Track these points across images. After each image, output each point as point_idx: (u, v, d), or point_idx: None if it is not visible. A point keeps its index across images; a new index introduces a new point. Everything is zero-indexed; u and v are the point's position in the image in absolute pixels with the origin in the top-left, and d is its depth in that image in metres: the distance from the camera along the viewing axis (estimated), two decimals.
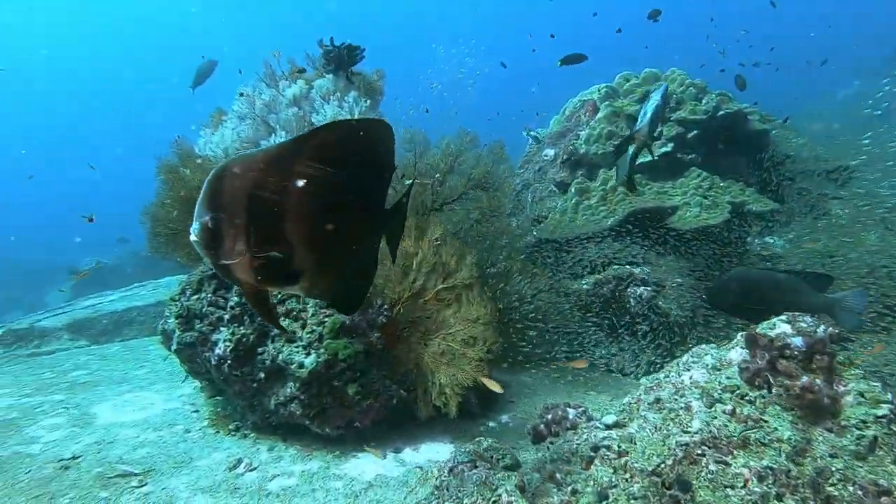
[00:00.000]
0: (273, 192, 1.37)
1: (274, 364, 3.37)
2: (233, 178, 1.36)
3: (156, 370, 5.53)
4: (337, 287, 1.61)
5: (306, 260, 1.47)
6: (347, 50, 3.83)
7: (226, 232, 1.38)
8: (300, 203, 1.40)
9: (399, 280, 3.55)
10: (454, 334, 3.42)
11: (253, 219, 1.37)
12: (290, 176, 1.38)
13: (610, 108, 6.01)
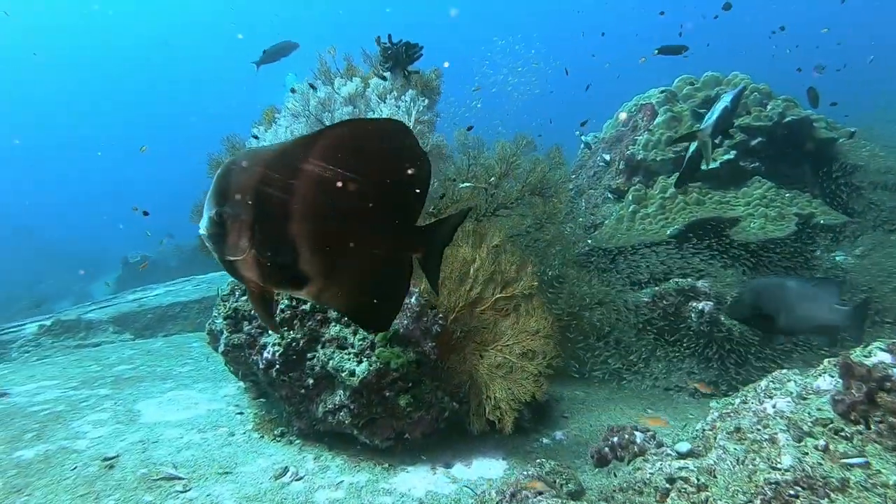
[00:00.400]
0: (279, 190, 1.34)
1: (323, 370, 3.27)
2: (240, 173, 1.34)
3: (199, 368, 5.51)
4: (355, 302, 1.53)
5: (312, 264, 1.40)
6: (405, 48, 3.71)
7: (231, 227, 1.36)
8: (306, 203, 1.35)
9: (455, 288, 3.41)
10: (512, 346, 3.26)
11: (258, 216, 1.35)
12: (298, 174, 1.34)
13: (669, 113, 5.78)
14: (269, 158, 1.35)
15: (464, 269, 3.42)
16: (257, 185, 1.33)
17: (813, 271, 4.63)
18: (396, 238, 1.48)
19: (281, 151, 1.37)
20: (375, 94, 3.71)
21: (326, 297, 1.50)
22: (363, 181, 1.36)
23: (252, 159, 1.36)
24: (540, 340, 3.20)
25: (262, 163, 1.34)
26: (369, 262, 1.47)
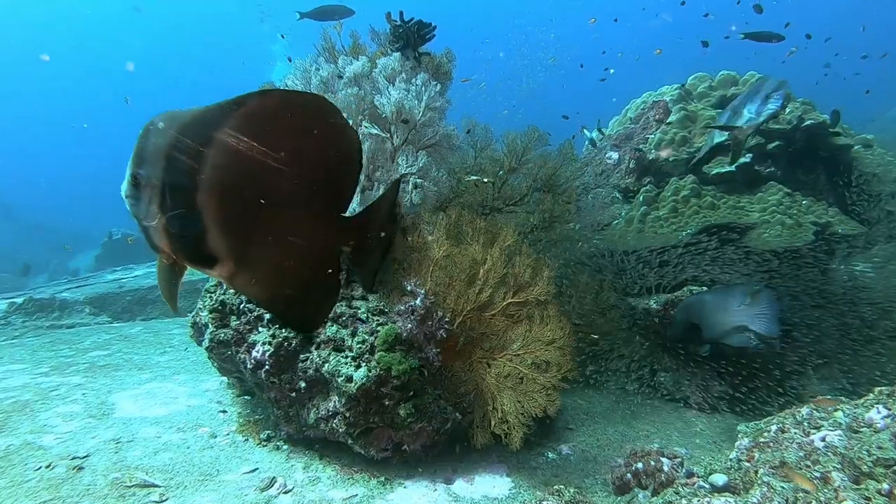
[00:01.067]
0: (189, 157, 1.27)
1: (318, 374, 3.01)
2: (156, 135, 1.29)
3: (179, 357, 5.21)
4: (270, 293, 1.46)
5: (221, 242, 1.34)
6: (417, 27, 3.42)
7: (144, 190, 1.32)
8: (215, 175, 1.28)
9: (463, 290, 3.15)
10: (523, 356, 3.02)
11: (167, 182, 1.29)
12: (210, 143, 1.27)
13: (683, 112, 5.54)
14: (186, 122, 1.28)
15: (473, 270, 3.16)
16: (168, 150, 1.27)
17: (830, 284, 4.45)
18: (320, 227, 1.40)
19: (198, 116, 1.30)
20: (383, 75, 3.42)
21: (240, 282, 1.41)
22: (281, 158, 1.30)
23: (170, 121, 1.29)
24: (555, 351, 2.96)
25: (177, 126, 1.27)
26: (287, 250, 1.39)
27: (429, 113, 3.36)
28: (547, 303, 3.09)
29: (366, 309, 3.10)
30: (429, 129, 3.41)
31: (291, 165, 1.31)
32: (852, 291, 4.42)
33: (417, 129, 3.41)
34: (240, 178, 1.30)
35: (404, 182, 3.40)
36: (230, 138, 1.27)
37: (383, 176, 3.44)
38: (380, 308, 3.15)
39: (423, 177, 3.40)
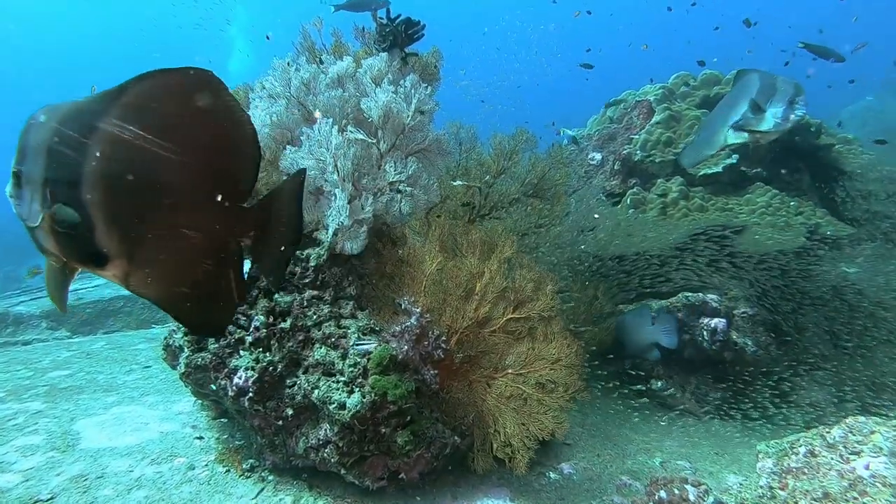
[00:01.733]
0: (71, 150, 1.21)
1: (307, 400, 2.78)
2: (37, 129, 1.23)
3: (147, 376, 4.89)
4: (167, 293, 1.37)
5: (111, 240, 1.27)
6: (406, 25, 3.21)
7: (26, 188, 1.26)
8: (98, 166, 1.22)
9: (459, 305, 2.97)
10: (526, 375, 2.85)
11: (49, 178, 1.23)
12: (93, 133, 1.21)
13: (668, 112, 5.46)
14: (67, 114, 1.23)
15: (470, 284, 2.98)
16: (49, 143, 1.21)
17: (819, 286, 4.41)
18: (215, 218, 1.32)
19: (80, 106, 1.25)
20: (369, 76, 3.20)
21: (135, 282, 1.34)
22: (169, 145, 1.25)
23: (50, 114, 1.23)
24: (561, 370, 2.80)
25: (57, 118, 1.22)
26: (182, 243, 1.32)
27: (418, 117, 3.15)
28: (551, 319, 2.92)
29: (356, 328, 2.89)
30: (418, 134, 3.21)
31: (180, 152, 1.26)
32: (843, 294, 4.38)
33: (406, 133, 3.21)
34: (126, 168, 1.24)
35: (392, 191, 3.20)
36: (114, 127, 1.22)
37: (370, 184, 3.22)
38: (370, 327, 2.94)
39: (413, 184, 3.19)
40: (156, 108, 1.25)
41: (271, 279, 1.45)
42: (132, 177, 1.24)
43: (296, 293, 2.96)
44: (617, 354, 4.45)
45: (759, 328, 4.12)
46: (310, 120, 3.31)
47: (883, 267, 4.56)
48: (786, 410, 3.98)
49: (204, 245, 1.35)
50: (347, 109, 3.24)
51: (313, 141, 2.98)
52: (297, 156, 3.01)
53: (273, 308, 2.91)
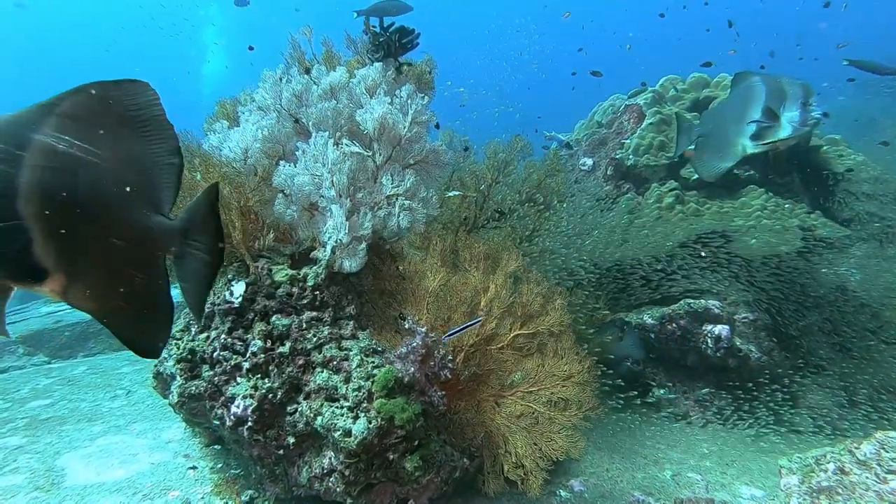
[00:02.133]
0: (5, 162, 1.21)
1: (309, 428, 2.65)
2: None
3: (133, 402, 4.70)
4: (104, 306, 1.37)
5: (48, 253, 1.27)
6: (400, 34, 3.11)
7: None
8: (33, 179, 1.22)
9: (462, 321, 2.86)
10: (537, 393, 2.75)
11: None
12: (26, 146, 1.22)
13: (659, 116, 5.42)
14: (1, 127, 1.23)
15: (474, 300, 2.87)
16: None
17: (819, 288, 4.38)
18: (143, 230, 1.33)
19: (14, 119, 1.24)
20: (363, 87, 3.09)
21: (74, 297, 1.34)
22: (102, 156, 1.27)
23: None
24: (573, 388, 2.70)
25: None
26: (114, 256, 1.33)
27: (415, 128, 3.05)
28: (562, 335, 2.83)
29: (358, 350, 2.77)
30: (415, 146, 3.11)
31: (111, 163, 1.28)
32: (842, 296, 4.37)
33: (402, 145, 3.10)
34: (62, 180, 1.24)
35: (390, 205, 3.09)
36: (49, 139, 1.23)
37: (366, 198, 3.11)
38: (372, 347, 2.83)
39: (411, 197, 3.09)
40: (90, 120, 1.27)
41: (191, 303, 1.38)
42: (67, 189, 1.25)
43: (294, 315, 2.83)
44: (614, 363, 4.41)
45: (761, 333, 4.08)
46: (302, 133, 3.19)
47: (880, 267, 4.55)
48: (792, 416, 3.94)
49: (135, 257, 1.36)
50: (341, 121, 3.12)
51: (308, 156, 2.86)
52: (292, 172, 2.89)
53: (271, 331, 2.78)
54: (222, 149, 3.00)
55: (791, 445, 3.78)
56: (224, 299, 2.85)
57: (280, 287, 2.85)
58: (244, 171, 2.97)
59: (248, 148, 2.98)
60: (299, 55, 3.34)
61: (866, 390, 4.01)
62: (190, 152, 2.99)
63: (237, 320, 2.84)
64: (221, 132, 3.02)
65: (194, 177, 2.84)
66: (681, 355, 4.18)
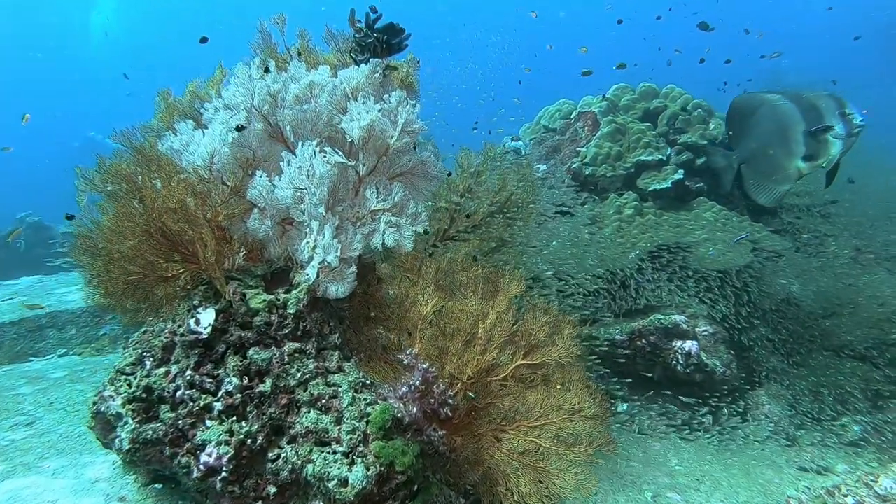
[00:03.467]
0: None
1: (294, 475, 2.34)
2: None
3: (41, 431, 4.06)
4: None
5: None
6: (388, 33, 2.80)
7: None
8: None
9: (460, 350, 2.65)
10: (542, 427, 2.59)
11: None
12: None
13: (614, 125, 5.43)
14: None
15: (473, 328, 2.67)
16: None
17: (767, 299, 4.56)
18: None
19: None
20: (347, 89, 2.78)
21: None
22: None
23: None
24: (582, 422, 2.56)
25: None
26: None
27: (405, 138, 2.78)
28: (570, 367, 2.68)
29: (348, 385, 2.49)
30: (404, 157, 2.84)
31: None
32: (787, 306, 4.56)
33: (389, 155, 2.83)
34: None
35: (375, 220, 2.80)
36: None
37: (347, 212, 2.81)
38: (362, 381, 2.55)
39: (398, 213, 2.82)
40: None
41: None
42: None
43: (274, 347, 2.50)
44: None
45: (720, 346, 4.18)
46: (275, 137, 2.83)
47: (814, 277, 4.81)
48: (748, 426, 4.07)
49: None
50: (319, 127, 2.80)
51: (293, 167, 2.52)
52: (270, 184, 2.54)
53: (248, 367, 2.43)
54: (185, 153, 2.59)
55: (753, 457, 3.89)
56: (189, 329, 2.46)
57: (257, 315, 2.50)
58: (210, 180, 2.58)
59: (216, 153, 2.58)
60: (270, 47, 2.96)
61: (811, 397, 4.22)
62: (145, 157, 2.55)
63: (205, 353, 2.46)
64: (186, 133, 2.60)
65: (154, 185, 2.42)
66: (646, 370, 4.20)
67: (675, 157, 5.16)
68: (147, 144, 2.64)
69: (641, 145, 5.15)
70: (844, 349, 4.40)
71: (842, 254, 5.12)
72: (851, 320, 4.50)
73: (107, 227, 2.43)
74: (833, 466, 3.62)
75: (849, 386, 4.17)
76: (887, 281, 4.77)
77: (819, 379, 4.27)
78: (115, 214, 2.41)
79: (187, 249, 2.46)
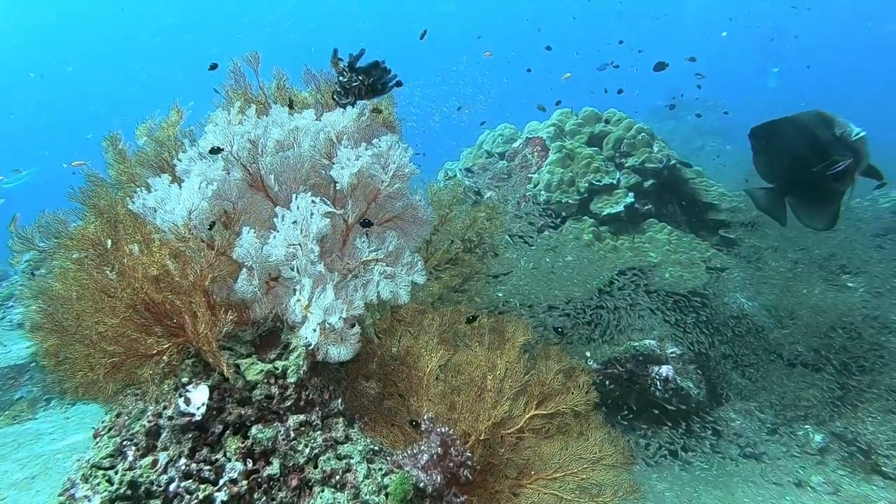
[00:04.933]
0: None
1: None
2: None
3: None
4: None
5: None
6: (374, 73, 2.64)
7: None
8: None
9: (471, 405, 2.53)
10: (563, 479, 2.50)
11: None
12: None
13: (564, 151, 5.49)
14: None
15: (483, 381, 2.55)
16: None
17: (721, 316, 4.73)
18: None
19: None
20: (332, 133, 2.60)
21: None
22: None
23: None
24: (605, 471, 2.50)
25: None
26: None
27: (396, 183, 2.64)
28: (587, 415, 2.61)
29: (360, 456, 2.30)
30: (396, 203, 2.69)
31: None
32: (739, 321, 4.76)
33: (379, 202, 2.67)
34: None
35: (367, 271, 2.63)
36: None
37: (336, 263, 2.62)
38: (371, 448, 2.37)
39: (393, 263, 2.66)
40: None
41: None
42: None
43: (277, 422, 2.26)
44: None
45: (689, 366, 4.29)
46: (255, 186, 2.59)
47: (758, 290, 5.05)
48: (719, 444, 4.19)
49: None
50: (302, 174, 2.60)
51: (287, 223, 2.32)
52: (257, 242, 2.32)
53: (251, 448, 2.18)
54: (160, 211, 2.31)
55: (730, 475, 3.99)
56: (178, 410, 2.18)
57: (256, 388, 2.26)
58: (190, 240, 2.32)
59: (195, 208, 2.32)
60: (242, 87, 2.72)
61: (773, 410, 4.41)
62: (111, 217, 2.26)
63: (200, 437, 2.19)
64: (161, 189, 2.32)
65: (130, 249, 2.13)
66: (621, 397, 4.23)
67: (625, 181, 5.30)
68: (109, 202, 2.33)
69: (592, 170, 5.25)
70: (795, 360, 4.66)
71: (780, 266, 5.43)
72: (797, 331, 4.77)
73: (74, 302, 2.11)
74: (807, 479, 3.79)
75: (804, 395, 4.40)
76: (826, 290, 5.11)
77: (777, 391, 4.48)
78: (90, 289, 2.10)
79: (172, 321, 2.18)
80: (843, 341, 4.69)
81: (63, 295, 2.28)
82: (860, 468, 3.93)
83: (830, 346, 4.66)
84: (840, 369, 4.56)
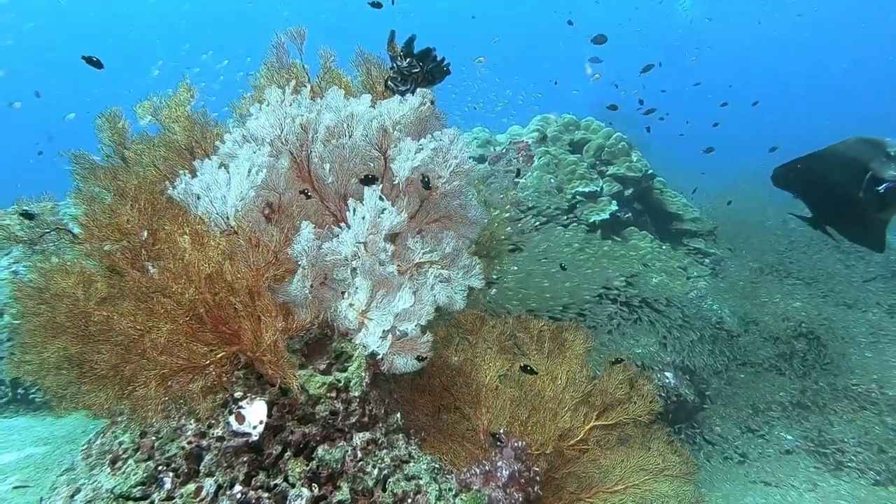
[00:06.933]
0: None
1: None
2: None
3: None
4: None
5: None
6: (432, 64, 2.44)
7: None
8: None
9: (530, 417, 2.38)
10: (625, 492, 2.39)
11: None
12: None
13: (549, 156, 5.44)
14: None
15: (542, 393, 2.42)
16: None
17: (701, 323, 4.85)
18: None
19: None
20: (387, 121, 2.38)
21: None
22: None
23: None
24: (668, 482, 2.41)
25: None
26: None
27: (455, 181, 2.45)
28: (650, 425, 2.52)
29: (428, 476, 2.09)
30: (453, 201, 2.50)
31: None
32: (717, 328, 4.89)
33: (433, 199, 2.47)
34: None
35: (421, 274, 2.43)
36: None
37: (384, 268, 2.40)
38: (436, 467, 2.18)
39: (449, 265, 2.48)
40: None
41: None
42: None
43: (342, 441, 2.02)
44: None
45: (679, 372, 4.33)
46: (301, 177, 2.31)
47: (724, 298, 5.24)
48: (706, 446, 4.26)
49: None
50: (353, 165, 2.36)
51: (357, 219, 2.08)
52: (314, 239, 2.07)
53: (317, 471, 1.93)
54: (204, 198, 2.00)
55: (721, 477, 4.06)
56: (231, 430, 1.89)
57: (319, 403, 2.00)
58: (238, 232, 2.03)
59: (245, 196, 2.04)
60: (287, 66, 2.44)
61: (749, 412, 4.56)
62: (152, 205, 1.93)
63: (255, 461, 1.91)
64: (208, 173, 2.01)
65: (182, 240, 1.81)
66: None
67: (607, 188, 5.34)
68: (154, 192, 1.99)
69: (577, 177, 5.25)
70: (762, 364, 4.85)
71: (742, 275, 5.67)
72: (762, 336, 4.98)
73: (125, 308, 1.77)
74: (786, 479, 3.93)
75: (773, 397, 4.59)
76: (787, 297, 5.38)
77: (750, 394, 4.64)
78: (129, 288, 1.76)
79: (228, 327, 1.88)
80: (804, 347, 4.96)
81: (72, 293, 1.92)
82: (831, 465, 4.14)
83: (792, 351, 4.90)
84: (801, 372, 4.81)
